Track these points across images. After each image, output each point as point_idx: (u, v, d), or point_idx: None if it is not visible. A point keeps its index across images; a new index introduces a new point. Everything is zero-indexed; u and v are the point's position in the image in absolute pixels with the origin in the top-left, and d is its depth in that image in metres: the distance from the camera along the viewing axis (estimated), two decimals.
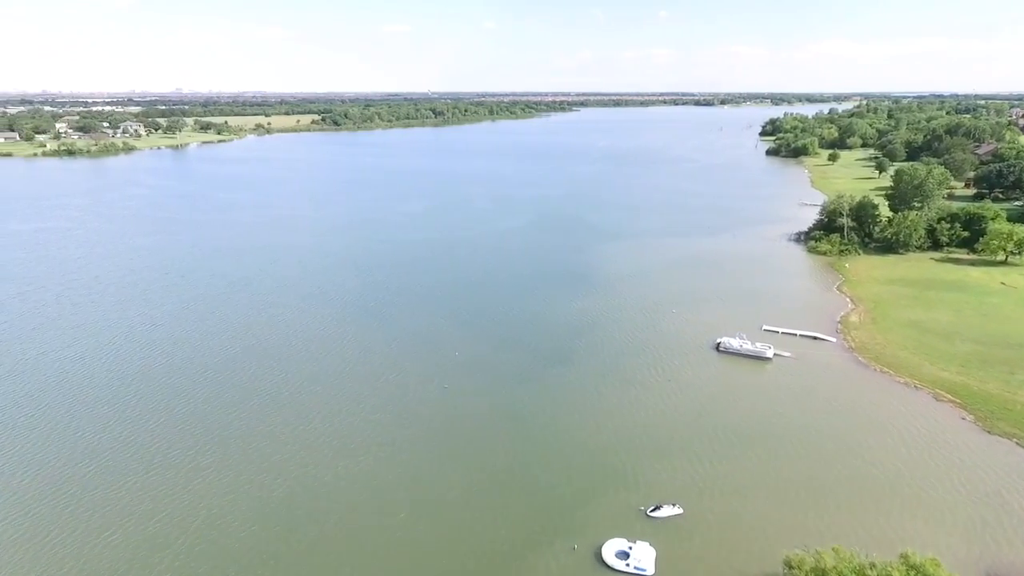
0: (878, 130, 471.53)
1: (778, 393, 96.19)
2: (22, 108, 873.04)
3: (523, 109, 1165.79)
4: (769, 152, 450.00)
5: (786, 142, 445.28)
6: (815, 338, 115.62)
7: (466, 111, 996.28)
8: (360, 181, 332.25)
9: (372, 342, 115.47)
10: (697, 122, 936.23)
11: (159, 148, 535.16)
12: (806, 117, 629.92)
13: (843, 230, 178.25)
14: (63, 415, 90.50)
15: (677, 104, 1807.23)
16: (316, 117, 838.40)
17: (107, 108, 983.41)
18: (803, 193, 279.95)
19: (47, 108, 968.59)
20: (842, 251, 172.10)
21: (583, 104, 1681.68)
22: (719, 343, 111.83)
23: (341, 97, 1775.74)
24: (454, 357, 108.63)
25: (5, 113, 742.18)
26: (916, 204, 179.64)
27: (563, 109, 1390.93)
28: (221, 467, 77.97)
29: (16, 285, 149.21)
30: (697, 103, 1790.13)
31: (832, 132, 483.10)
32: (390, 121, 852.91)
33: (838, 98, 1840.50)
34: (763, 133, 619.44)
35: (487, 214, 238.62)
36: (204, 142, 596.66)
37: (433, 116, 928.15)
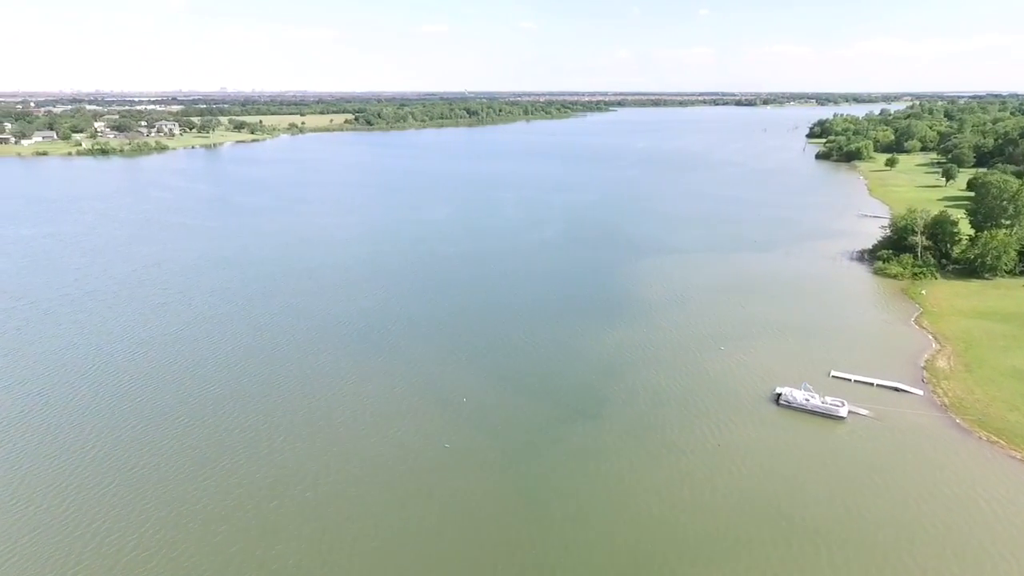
0: (939, 133, 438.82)
1: (859, 471, 77.22)
2: (68, 107, 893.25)
3: (559, 109, 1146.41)
4: (819, 156, 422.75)
5: (838, 145, 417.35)
6: (897, 389, 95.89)
7: (500, 111, 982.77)
8: (385, 185, 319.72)
9: (369, 385, 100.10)
10: (739, 123, 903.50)
11: (193, 147, 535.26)
12: (857, 118, 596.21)
13: (916, 249, 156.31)
14: None
15: (717, 104, 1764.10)
16: (349, 116, 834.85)
17: (151, 107, 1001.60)
18: (861, 202, 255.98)
19: (92, 107, 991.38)
20: (916, 274, 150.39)
21: (620, 104, 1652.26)
22: (779, 394, 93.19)
23: (378, 96, 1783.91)
24: (461, 404, 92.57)
25: (50, 112, 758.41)
26: (1005, 221, 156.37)
27: (600, 109, 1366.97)
28: (172, 549, 63.50)
29: (5, 300, 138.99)
30: (738, 103, 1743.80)
31: (887, 135, 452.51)
32: (423, 121, 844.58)
33: (887, 98, 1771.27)
34: (811, 135, 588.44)
35: (514, 223, 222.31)
36: (238, 141, 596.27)
37: (467, 116, 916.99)
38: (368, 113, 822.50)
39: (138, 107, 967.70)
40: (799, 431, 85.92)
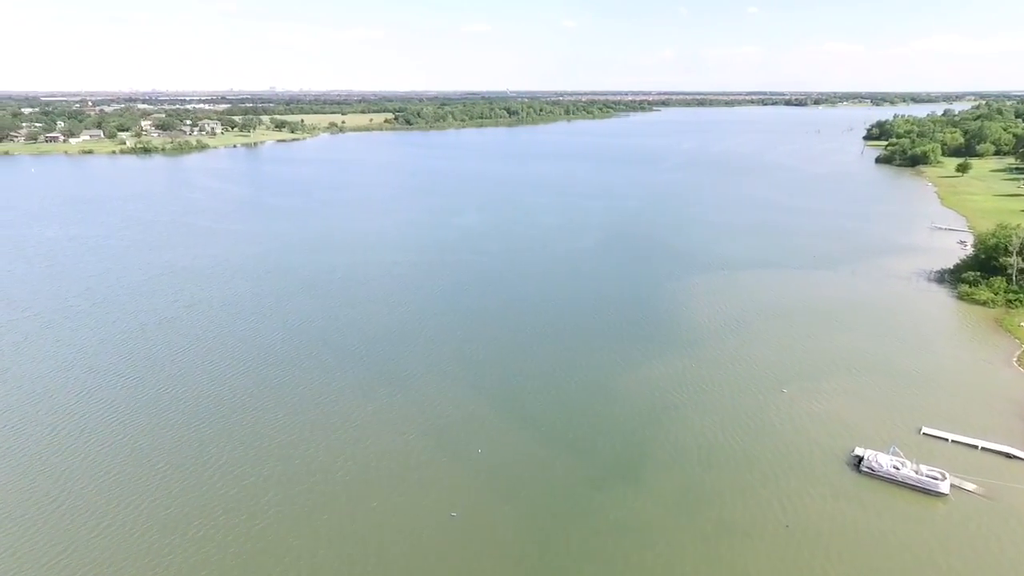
0: (1015, 135, 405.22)
1: (968, 568, 60.99)
2: (120, 106, 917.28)
3: (601, 109, 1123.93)
4: (879, 160, 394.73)
5: (901, 148, 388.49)
6: (1009, 456, 78.49)
7: (541, 110, 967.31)
8: (418, 187, 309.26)
9: (374, 430, 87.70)
10: (790, 123, 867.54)
11: (235, 146, 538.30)
12: (919, 119, 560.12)
13: (1010, 272, 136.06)
14: None
15: (765, 104, 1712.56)
16: (389, 116, 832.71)
17: (199, 106, 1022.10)
18: (932, 213, 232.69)
19: (144, 105, 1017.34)
20: (1010, 301, 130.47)
21: (664, 104, 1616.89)
22: (860, 458, 76.97)
23: (420, 96, 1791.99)
24: (475, 457, 79.38)
25: (102, 111, 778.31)
26: None
27: (643, 109, 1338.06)
28: None
29: (10, 311, 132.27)
30: (787, 103, 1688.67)
31: (956, 137, 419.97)
32: (463, 120, 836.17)
33: (948, 97, 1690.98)
34: (868, 137, 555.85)
35: (552, 231, 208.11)
36: (279, 140, 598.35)
37: (507, 115, 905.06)
38: (408, 112, 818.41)
39: (187, 106, 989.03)
40: (888, 510, 69.71)
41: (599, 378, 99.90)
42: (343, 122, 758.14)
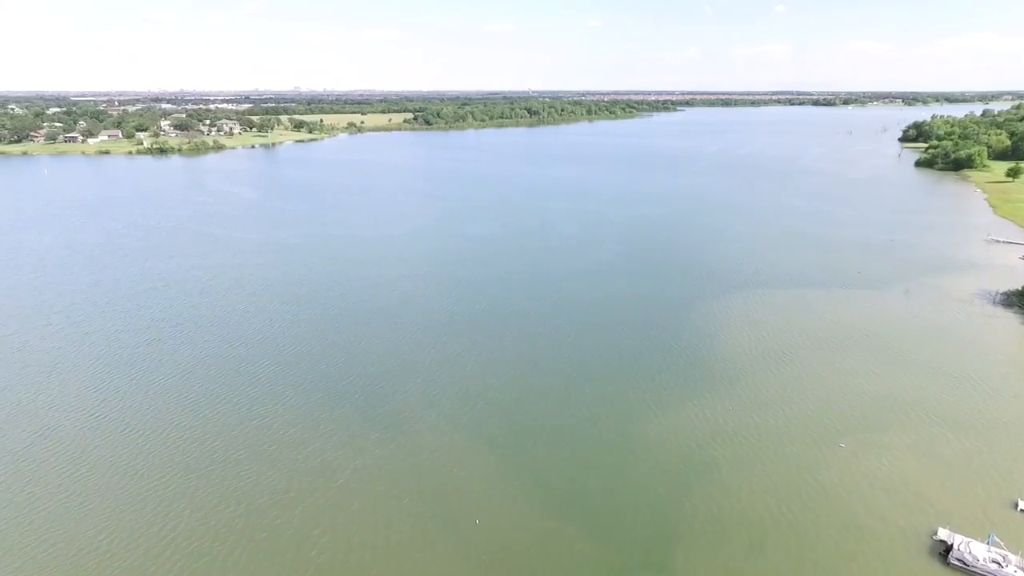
0: None
1: None
2: (143, 106, 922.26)
3: (623, 109, 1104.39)
4: (919, 163, 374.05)
5: (943, 151, 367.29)
6: None
7: (562, 111, 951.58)
8: (431, 192, 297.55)
9: (357, 495, 75.33)
10: (819, 124, 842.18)
11: (252, 147, 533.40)
12: (959, 120, 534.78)
13: None
14: None
15: (793, 104, 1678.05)
16: (408, 116, 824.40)
17: (223, 105, 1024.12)
18: (986, 223, 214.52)
19: (167, 105, 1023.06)
20: None
21: (688, 104, 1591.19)
22: (947, 545, 62.53)
23: (442, 95, 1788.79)
24: (472, 528, 66.48)
25: (125, 111, 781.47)
26: None
27: (667, 109, 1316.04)
28: None
29: None
30: (815, 103, 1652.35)
31: (1002, 139, 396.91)
32: (483, 121, 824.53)
33: (984, 97, 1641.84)
34: (905, 139, 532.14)
35: (569, 242, 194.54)
36: (297, 140, 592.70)
37: (528, 116, 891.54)
38: (427, 112, 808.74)
39: (211, 105, 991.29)
40: None
41: (622, 426, 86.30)
42: (362, 122, 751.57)
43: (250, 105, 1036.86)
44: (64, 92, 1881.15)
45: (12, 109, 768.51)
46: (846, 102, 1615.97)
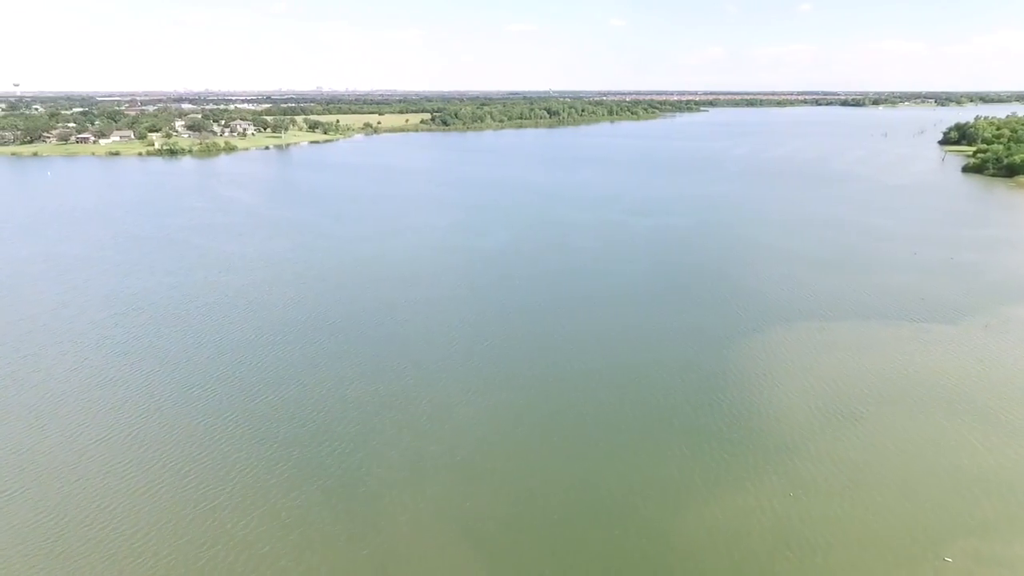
0: None
1: None
2: (160, 106, 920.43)
3: (645, 109, 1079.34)
4: (967, 169, 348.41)
5: (993, 155, 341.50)
6: None
7: (583, 111, 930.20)
8: (441, 199, 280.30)
9: None
10: (850, 125, 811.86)
11: (267, 148, 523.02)
12: (1007, 121, 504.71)
13: None
14: None
15: (819, 104, 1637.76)
16: (425, 116, 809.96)
17: (243, 105, 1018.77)
18: None
19: (188, 105, 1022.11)
20: None
21: (711, 103, 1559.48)
22: None
23: (463, 95, 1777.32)
24: None
25: (143, 111, 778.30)
26: None
27: (689, 109, 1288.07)
28: None
29: None
30: (844, 103, 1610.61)
31: None
32: (501, 121, 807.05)
33: (1022, 97, 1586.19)
34: (945, 141, 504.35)
35: (586, 259, 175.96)
36: (312, 141, 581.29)
37: (547, 116, 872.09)
38: (445, 113, 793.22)
39: (231, 106, 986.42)
40: None
41: (658, 519, 67.70)
42: (378, 123, 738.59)
43: (269, 105, 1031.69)
44: (92, 92, 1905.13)
45: (36, 109, 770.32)
46: (876, 102, 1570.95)
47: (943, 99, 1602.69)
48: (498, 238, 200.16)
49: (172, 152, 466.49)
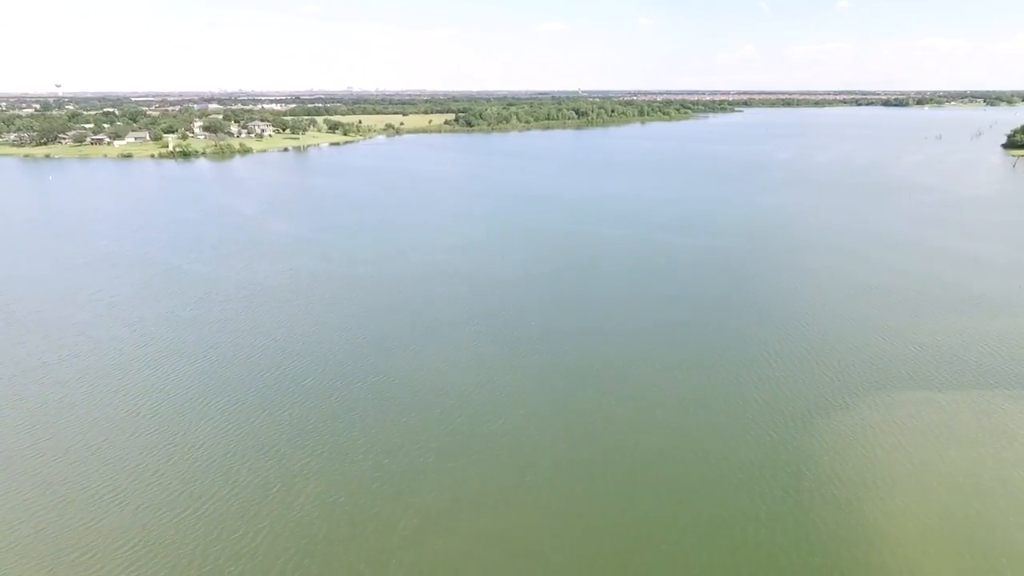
0: None
1: None
2: (176, 107, 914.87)
3: (677, 110, 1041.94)
4: None
5: None
6: None
7: (612, 111, 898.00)
8: (455, 210, 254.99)
9: None
10: (896, 127, 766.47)
11: (285, 149, 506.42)
12: None
13: None
14: None
15: (859, 104, 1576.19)
16: (449, 117, 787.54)
17: (270, 106, 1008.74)
18: None
19: (213, 105, 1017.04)
20: None
21: (746, 104, 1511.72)
22: None
23: (491, 95, 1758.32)
24: None
25: (165, 111, 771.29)
26: None
27: (723, 109, 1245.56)
28: None
29: None
30: (885, 103, 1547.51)
31: None
32: (527, 122, 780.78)
33: None
34: (1011, 144, 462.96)
35: (618, 287, 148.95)
36: (332, 143, 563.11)
37: (576, 117, 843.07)
38: (469, 114, 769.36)
39: (259, 106, 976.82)
40: None
41: None
42: (401, 123, 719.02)
43: (294, 105, 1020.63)
44: (129, 93, 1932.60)
45: (68, 109, 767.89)
46: (920, 102, 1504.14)
47: (992, 98, 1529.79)
48: (517, 260, 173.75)
49: (185, 154, 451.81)
